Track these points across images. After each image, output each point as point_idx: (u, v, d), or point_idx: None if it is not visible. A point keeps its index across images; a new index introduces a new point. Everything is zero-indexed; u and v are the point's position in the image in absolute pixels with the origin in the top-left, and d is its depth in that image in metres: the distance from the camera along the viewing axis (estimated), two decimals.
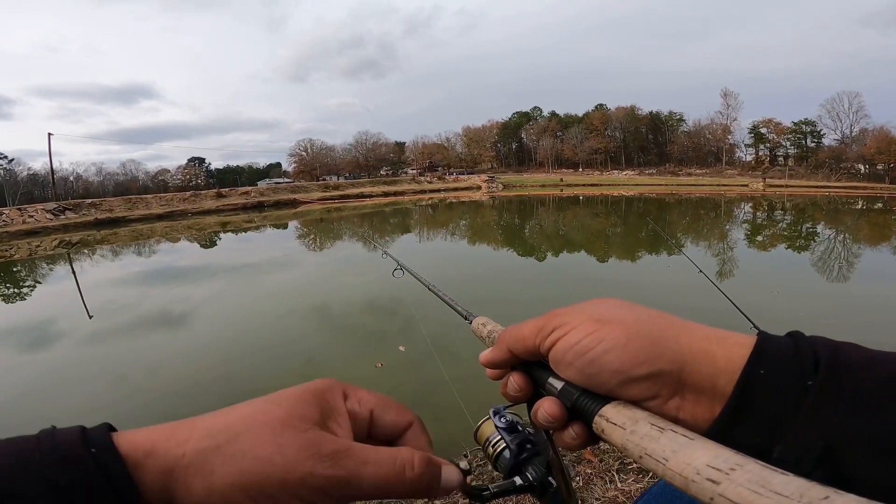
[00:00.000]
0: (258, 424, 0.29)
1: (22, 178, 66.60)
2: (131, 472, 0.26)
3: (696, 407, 0.31)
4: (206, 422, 0.30)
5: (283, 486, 0.27)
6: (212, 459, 0.27)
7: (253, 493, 0.27)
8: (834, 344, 0.30)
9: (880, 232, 15.22)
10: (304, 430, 0.29)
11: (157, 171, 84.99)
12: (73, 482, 0.25)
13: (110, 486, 0.26)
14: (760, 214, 22.41)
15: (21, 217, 24.46)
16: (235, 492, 0.27)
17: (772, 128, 66.65)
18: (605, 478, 2.04)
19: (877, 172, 55.71)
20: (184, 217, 28.48)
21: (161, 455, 0.27)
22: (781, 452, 0.27)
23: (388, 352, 4.53)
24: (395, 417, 0.35)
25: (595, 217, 22.11)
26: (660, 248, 10.29)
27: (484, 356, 0.41)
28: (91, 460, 0.26)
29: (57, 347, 5.59)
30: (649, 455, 0.28)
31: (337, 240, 16.75)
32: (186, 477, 0.27)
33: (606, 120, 74.20)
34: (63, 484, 0.25)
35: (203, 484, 0.27)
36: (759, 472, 0.23)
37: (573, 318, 0.35)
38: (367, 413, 0.34)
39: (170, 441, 0.28)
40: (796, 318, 5.11)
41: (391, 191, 44.55)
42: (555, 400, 0.36)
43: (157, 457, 0.27)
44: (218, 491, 0.27)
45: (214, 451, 0.28)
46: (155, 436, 0.28)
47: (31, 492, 0.24)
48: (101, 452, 0.26)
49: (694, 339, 0.32)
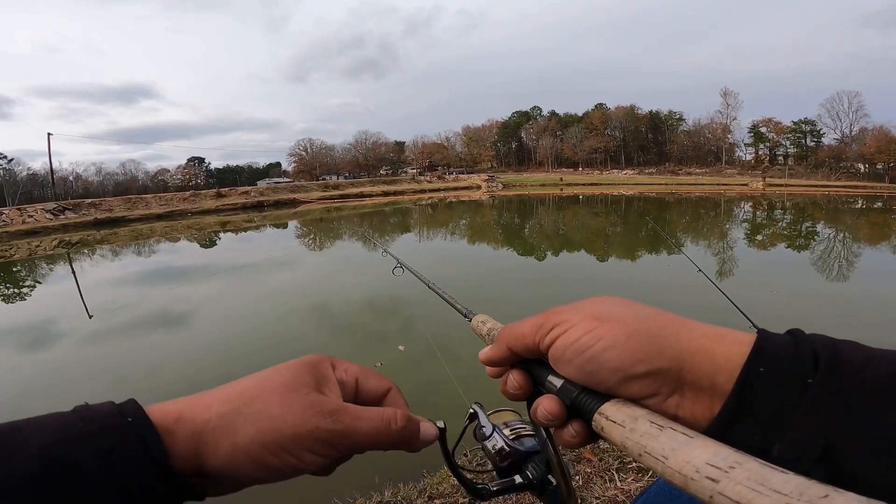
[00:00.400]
0: (268, 390, 0.34)
1: (22, 178, 66.57)
2: (162, 438, 0.30)
3: (696, 405, 0.31)
4: (222, 391, 0.34)
5: (295, 440, 0.32)
6: (234, 421, 0.32)
7: (271, 446, 0.32)
8: (834, 342, 0.29)
9: (880, 231, 15.22)
10: (305, 393, 0.34)
11: (157, 170, 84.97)
12: (115, 447, 0.28)
13: (145, 449, 0.29)
14: (760, 214, 22.41)
15: (21, 217, 24.46)
16: (256, 446, 0.31)
17: (771, 127, 66.67)
18: (604, 477, 2.04)
19: (876, 172, 55.77)
20: (183, 217, 28.49)
21: (189, 420, 0.32)
22: (781, 451, 0.27)
23: (388, 351, 4.53)
24: (375, 384, 0.41)
25: (595, 216, 22.11)
26: (659, 247, 10.30)
27: (483, 354, 0.41)
28: (129, 428, 0.30)
29: (57, 347, 5.59)
30: (649, 453, 0.28)
31: (337, 239, 16.76)
32: (214, 437, 0.31)
33: (606, 119, 74.16)
34: (106, 449, 0.28)
35: (229, 442, 0.31)
36: (758, 470, 0.23)
37: (572, 316, 0.35)
38: (353, 380, 0.39)
39: (193, 408, 0.33)
40: (796, 317, 5.12)
41: (391, 190, 44.54)
42: (554, 398, 0.36)
43: (186, 422, 0.32)
44: (242, 447, 0.31)
45: (235, 414, 0.32)
46: (180, 405, 0.33)
47: (84, 458, 0.27)
48: (136, 421, 0.30)
49: (693, 336, 0.32)
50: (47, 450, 0.27)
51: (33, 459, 0.26)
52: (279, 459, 0.32)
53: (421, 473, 2.33)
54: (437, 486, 2.15)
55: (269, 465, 0.32)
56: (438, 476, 2.23)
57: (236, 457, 0.31)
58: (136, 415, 0.31)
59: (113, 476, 0.28)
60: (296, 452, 0.32)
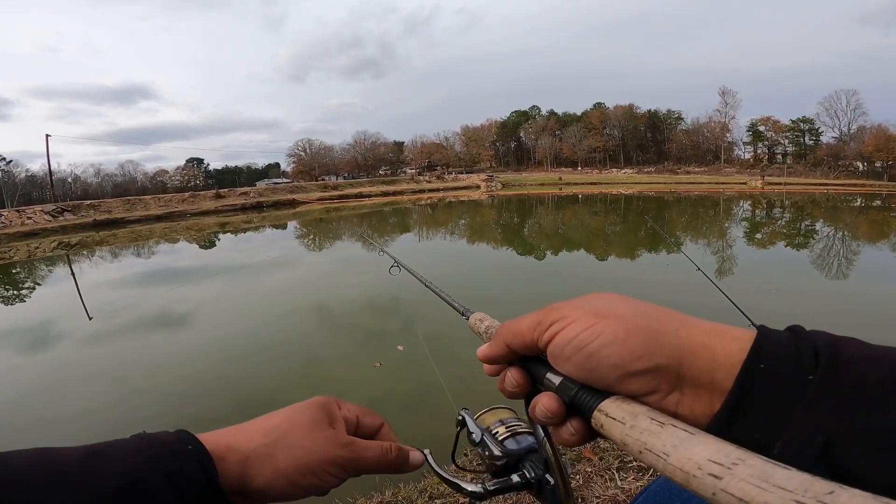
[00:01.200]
0: (297, 426, 0.42)
1: (20, 180, 66.52)
2: (216, 463, 0.37)
3: (695, 402, 0.31)
4: (258, 425, 0.42)
5: (321, 465, 0.41)
6: (274, 450, 0.40)
7: (303, 470, 0.40)
8: (834, 338, 0.29)
9: (879, 229, 15.23)
10: (325, 429, 0.43)
11: (156, 171, 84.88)
12: (180, 470, 0.35)
13: (203, 472, 0.36)
14: (759, 212, 22.42)
15: (19, 219, 24.43)
16: (292, 470, 0.40)
17: (770, 126, 66.71)
18: (605, 476, 2.04)
19: (875, 170, 55.77)
20: (182, 218, 28.45)
21: (237, 449, 0.39)
22: (781, 448, 0.27)
23: (387, 351, 4.53)
24: (371, 420, 0.49)
25: (594, 216, 22.11)
26: (658, 246, 10.30)
27: (481, 351, 0.41)
28: (191, 454, 0.36)
29: (57, 349, 5.59)
30: (649, 450, 0.27)
31: (336, 240, 16.74)
32: (259, 462, 0.39)
33: (605, 118, 74.19)
34: (174, 471, 0.35)
35: (271, 466, 0.39)
36: (761, 466, 0.22)
37: (571, 313, 0.35)
38: (355, 418, 0.48)
39: (239, 439, 0.40)
40: (795, 315, 5.12)
41: (390, 190, 44.50)
42: (553, 395, 0.35)
43: (236, 450, 0.39)
44: (281, 470, 0.39)
45: (274, 444, 0.40)
46: (227, 436, 0.40)
47: (154, 479, 0.34)
48: (195, 448, 0.37)
49: (693, 333, 0.32)
50: (126, 472, 0.33)
51: (115, 479, 0.32)
52: (307, 480, 0.40)
53: (421, 473, 2.33)
54: (438, 486, 2.14)
55: (300, 484, 0.40)
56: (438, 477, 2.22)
57: (276, 478, 0.39)
58: (194, 442, 0.38)
59: (178, 494, 0.34)
60: (320, 475, 0.41)
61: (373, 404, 3.57)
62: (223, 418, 3.51)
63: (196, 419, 3.51)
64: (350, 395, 3.83)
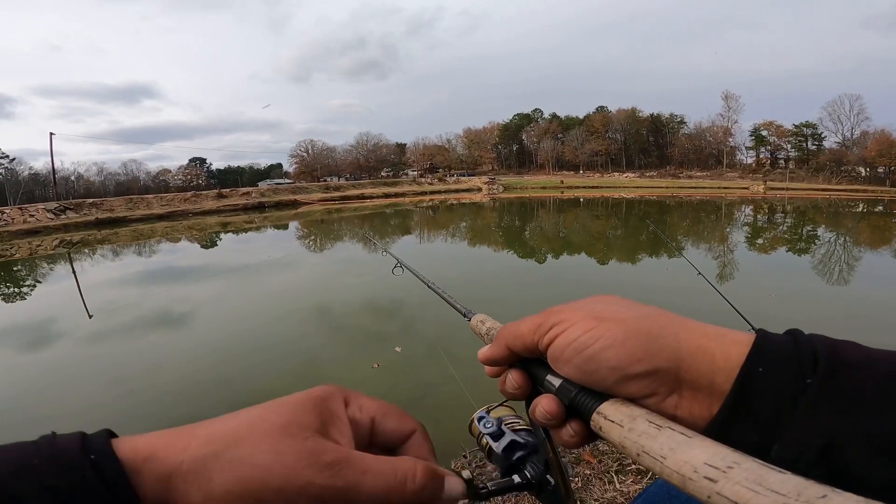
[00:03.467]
0: (258, 432, 0.28)
1: (23, 178, 66.61)
2: (131, 478, 0.26)
3: (694, 404, 0.31)
4: (207, 428, 0.29)
5: (280, 495, 0.26)
6: (210, 466, 0.27)
7: (250, 501, 0.26)
8: (833, 342, 0.29)
9: (881, 235, 15.21)
10: (303, 438, 0.28)
11: (159, 171, 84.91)
12: (72, 487, 0.25)
13: (108, 490, 0.25)
14: (761, 217, 22.40)
15: (22, 216, 24.50)
16: (233, 499, 0.26)
17: (772, 130, 66.58)
18: (603, 479, 2.04)
19: (878, 175, 55.69)
20: (185, 217, 28.49)
21: (160, 461, 0.27)
22: (779, 451, 0.27)
23: (386, 352, 4.53)
24: (396, 425, 0.34)
25: (595, 219, 22.10)
26: (660, 250, 10.29)
27: (482, 353, 0.41)
28: (89, 466, 0.26)
29: (57, 347, 5.59)
30: (647, 453, 0.28)
31: (337, 241, 16.77)
32: (185, 484, 0.27)
33: (607, 122, 74.18)
34: (62, 489, 0.25)
35: (200, 491, 0.26)
36: (756, 470, 0.22)
37: (571, 315, 0.35)
38: (369, 420, 0.33)
39: (168, 448, 0.28)
40: (795, 319, 5.08)
41: (392, 192, 44.58)
42: (553, 397, 0.36)
43: (157, 462, 0.27)
44: (216, 498, 0.26)
45: (213, 458, 0.27)
46: (155, 441, 0.28)
47: (28, 496, 0.24)
48: (100, 458, 0.26)
49: (692, 336, 0.32)
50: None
51: None
52: None
53: None
54: None
55: None
56: None
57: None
58: (100, 451, 0.26)
59: None
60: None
61: None
62: None
63: (194, 419, 3.49)
64: None
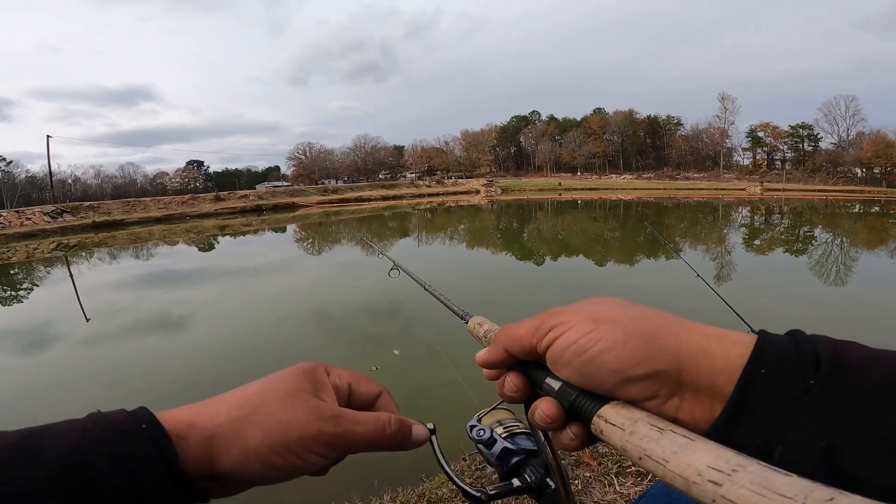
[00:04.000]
0: (272, 397, 0.36)
1: (20, 181, 66.50)
2: (175, 443, 0.32)
3: (695, 407, 0.30)
4: (229, 398, 0.36)
5: (300, 442, 0.34)
6: (243, 426, 0.34)
7: (279, 448, 0.34)
8: (835, 343, 0.29)
9: (878, 235, 15.27)
10: (307, 399, 0.36)
11: (156, 174, 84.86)
12: (129, 452, 0.30)
13: (158, 453, 0.31)
14: (758, 218, 22.47)
15: (19, 219, 24.40)
16: (265, 449, 0.34)
17: (769, 131, 66.89)
18: (603, 481, 2.04)
19: (873, 176, 55.98)
20: (182, 220, 28.42)
21: (201, 426, 0.34)
22: (782, 453, 0.27)
23: (384, 355, 4.53)
24: (367, 388, 0.43)
25: (593, 221, 22.14)
26: (657, 252, 10.30)
27: (480, 356, 0.41)
28: (143, 433, 0.31)
29: (54, 350, 5.57)
30: (649, 456, 0.27)
31: (335, 243, 16.75)
32: (226, 441, 0.34)
33: (605, 124, 74.42)
34: (122, 453, 0.30)
35: (240, 445, 0.34)
36: (761, 473, 0.22)
37: (570, 317, 0.35)
38: (346, 385, 0.42)
39: (203, 415, 0.35)
40: (794, 320, 5.11)
41: (390, 195, 44.58)
42: (552, 400, 0.35)
43: (198, 428, 0.34)
44: (252, 450, 0.33)
45: (244, 419, 0.34)
46: (190, 412, 0.35)
47: (99, 461, 0.29)
48: (150, 427, 0.32)
49: (692, 337, 0.31)
50: (67, 454, 0.29)
51: (53, 463, 0.28)
52: (285, 460, 0.34)
53: (419, 478, 2.32)
54: (436, 491, 2.14)
55: (276, 465, 0.34)
56: (437, 480, 2.22)
57: (247, 459, 0.33)
58: (149, 421, 0.32)
59: (126, 478, 0.29)
60: (300, 454, 0.34)
61: None
62: None
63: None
64: None
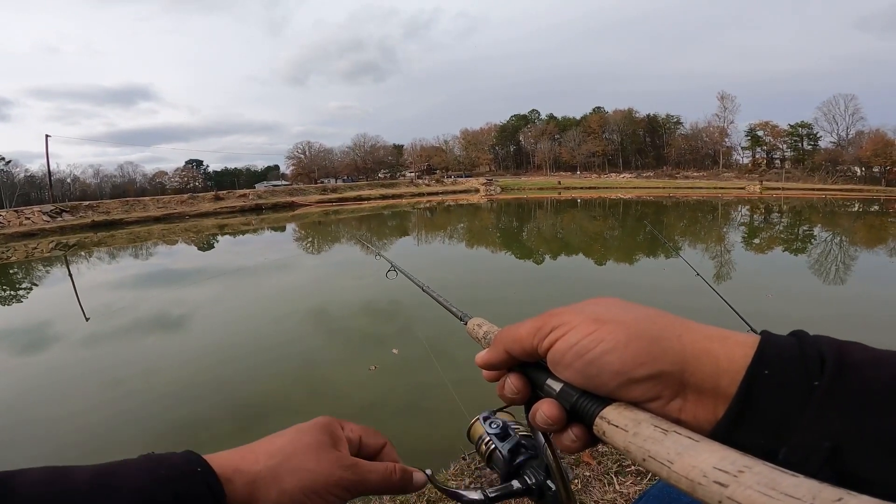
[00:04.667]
0: (301, 448, 0.43)
1: (19, 180, 66.39)
2: (224, 485, 0.39)
3: (699, 408, 0.30)
4: (262, 447, 0.43)
5: (325, 487, 0.42)
6: (279, 472, 0.41)
7: (308, 492, 0.41)
8: (839, 343, 0.29)
9: (877, 234, 15.28)
10: (329, 451, 0.44)
11: (155, 173, 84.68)
12: (188, 491, 0.36)
13: (211, 494, 0.37)
14: (757, 217, 22.48)
15: (18, 219, 24.37)
16: (297, 492, 0.41)
17: (768, 130, 66.88)
18: (603, 480, 2.03)
19: (873, 175, 55.99)
20: (181, 220, 28.38)
21: (245, 472, 0.41)
22: (787, 454, 0.26)
23: (383, 354, 4.53)
24: (374, 440, 0.49)
25: (593, 220, 22.14)
26: (657, 250, 10.30)
27: (480, 357, 0.41)
28: (199, 476, 0.38)
29: (54, 349, 5.56)
30: (653, 457, 0.27)
31: (334, 243, 16.73)
32: (266, 484, 0.40)
33: (604, 123, 74.41)
34: (182, 493, 0.36)
35: (277, 488, 0.40)
36: (768, 473, 0.22)
37: (572, 318, 0.34)
38: (357, 438, 0.48)
39: (245, 461, 0.41)
40: (794, 319, 5.11)
41: (389, 194, 44.53)
42: (553, 402, 0.35)
43: (243, 473, 0.40)
44: (287, 492, 0.40)
45: (279, 467, 0.41)
46: (233, 457, 0.42)
47: (166, 500, 0.35)
48: (204, 470, 0.38)
49: (695, 338, 0.31)
50: (138, 492, 0.35)
51: (127, 500, 0.34)
52: (312, 502, 0.41)
53: None
54: (436, 491, 2.13)
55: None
56: None
57: (281, 500, 0.40)
58: (202, 464, 0.39)
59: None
60: (325, 496, 0.41)
61: (368, 408, 3.56)
62: (217, 420, 3.50)
63: (190, 421, 3.49)
64: (345, 398, 3.82)
